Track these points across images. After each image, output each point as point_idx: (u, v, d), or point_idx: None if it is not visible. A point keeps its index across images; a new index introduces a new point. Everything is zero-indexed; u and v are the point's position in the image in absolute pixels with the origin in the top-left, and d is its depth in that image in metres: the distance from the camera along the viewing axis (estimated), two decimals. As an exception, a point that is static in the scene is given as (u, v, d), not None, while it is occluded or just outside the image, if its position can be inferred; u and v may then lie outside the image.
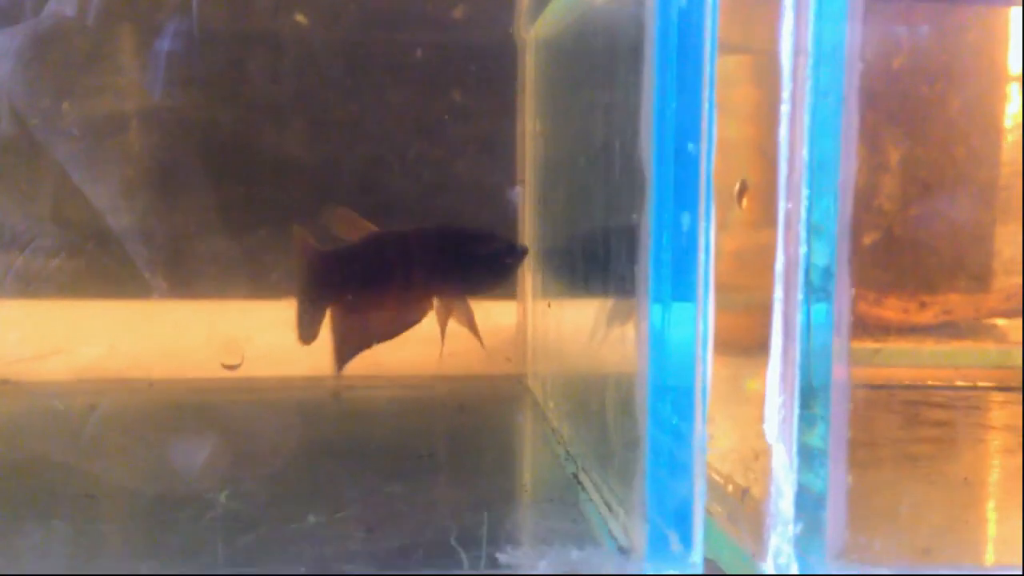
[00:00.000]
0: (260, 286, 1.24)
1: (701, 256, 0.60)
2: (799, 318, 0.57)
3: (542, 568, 0.61)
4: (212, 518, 0.72)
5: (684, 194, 0.60)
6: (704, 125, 0.59)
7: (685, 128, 0.60)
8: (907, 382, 1.19)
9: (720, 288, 0.62)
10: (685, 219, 0.60)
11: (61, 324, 1.21)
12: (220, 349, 1.19)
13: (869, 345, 1.40)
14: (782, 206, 0.58)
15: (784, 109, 0.58)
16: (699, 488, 0.60)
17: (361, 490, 0.80)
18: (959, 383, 1.19)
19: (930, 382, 1.19)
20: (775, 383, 0.59)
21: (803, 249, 0.57)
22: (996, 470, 0.85)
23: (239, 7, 1.23)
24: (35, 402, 1.11)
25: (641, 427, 0.62)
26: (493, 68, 1.25)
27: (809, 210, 0.57)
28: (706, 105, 0.59)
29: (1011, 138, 1.67)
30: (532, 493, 0.82)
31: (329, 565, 0.64)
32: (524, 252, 0.97)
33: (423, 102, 1.29)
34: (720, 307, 0.61)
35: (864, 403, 1.09)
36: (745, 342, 0.64)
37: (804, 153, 0.56)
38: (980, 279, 1.64)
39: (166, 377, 1.23)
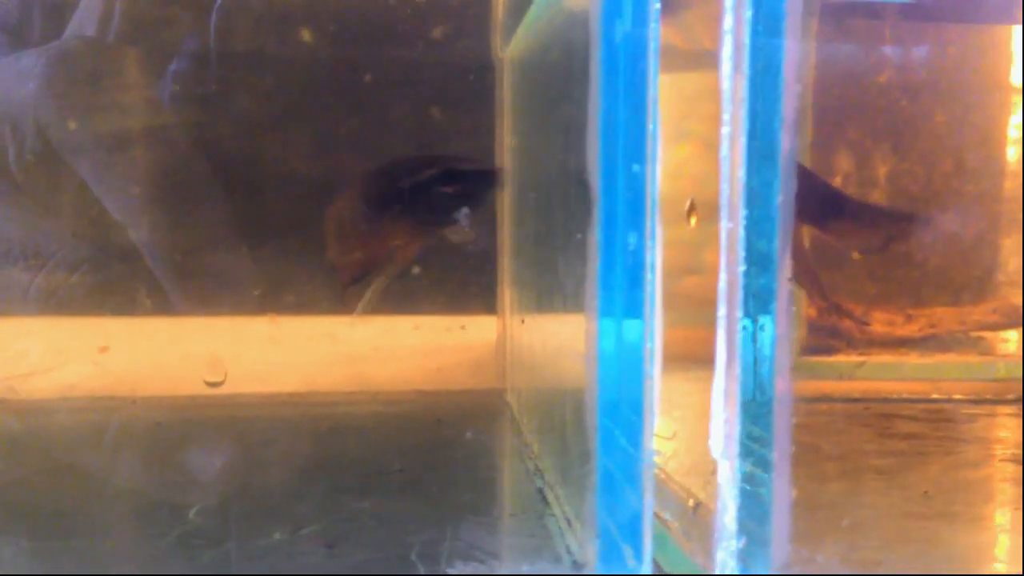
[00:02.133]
0: (244, 302, 1.26)
1: (648, 274, 0.61)
2: (739, 336, 0.58)
3: (495, 581, 0.62)
4: (180, 534, 0.73)
5: (631, 213, 0.61)
6: (649, 145, 0.60)
7: (630, 149, 0.61)
8: (884, 395, 1.20)
9: (687, 302, 0.63)
10: (632, 238, 0.61)
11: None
12: (203, 366, 1.21)
13: (854, 359, 1.41)
14: (723, 226, 0.59)
15: (724, 131, 0.59)
16: (647, 502, 0.61)
17: (329, 506, 0.81)
18: (934, 396, 1.20)
19: (906, 395, 1.19)
20: (719, 399, 0.60)
21: (742, 268, 0.58)
22: (959, 483, 0.85)
23: (241, 27, 1.25)
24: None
25: (590, 442, 0.63)
26: (474, 87, 1.27)
27: (748, 230, 0.58)
28: (650, 126, 0.60)
29: (999, 150, 1.68)
30: (497, 507, 0.83)
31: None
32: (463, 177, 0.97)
33: (407, 119, 1.31)
34: (685, 322, 0.62)
35: (837, 416, 1.10)
36: (709, 356, 0.65)
37: (741, 174, 0.57)
38: (966, 292, 1.65)
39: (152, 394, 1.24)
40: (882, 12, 1.54)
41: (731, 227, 0.59)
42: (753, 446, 0.60)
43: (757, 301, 0.59)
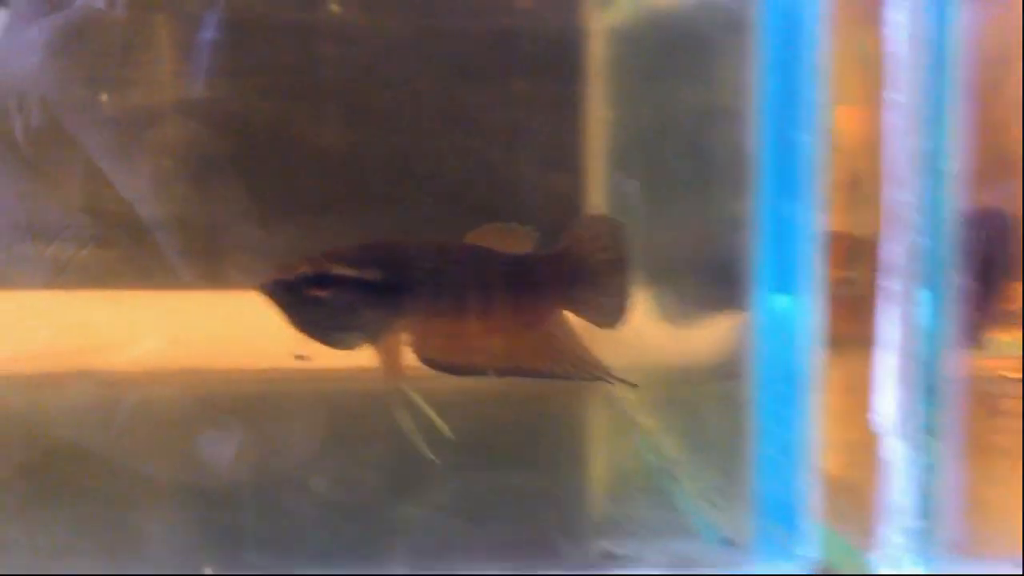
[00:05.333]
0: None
1: (809, 247, 0.59)
2: (915, 309, 0.56)
3: (650, 559, 0.61)
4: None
5: (791, 184, 0.59)
6: (812, 114, 0.59)
7: (793, 118, 0.59)
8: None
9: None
10: (793, 209, 0.59)
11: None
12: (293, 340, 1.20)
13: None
14: (892, 196, 0.57)
15: (894, 96, 0.57)
16: (810, 481, 0.60)
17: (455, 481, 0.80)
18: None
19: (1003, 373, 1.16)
20: (888, 375, 0.58)
21: (918, 239, 0.56)
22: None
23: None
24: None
25: (749, 419, 0.61)
26: (558, 56, 1.24)
27: (923, 199, 0.56)
28: (814, 94, 0.59)
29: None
30: (621, 483, 0.82)
31: (433, 554, 0.64)
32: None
33: (483, 91, 1.28)
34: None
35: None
36: (841, 333, 0.64)
37: (917, 142, 0.55)
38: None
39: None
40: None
41: (903, 197, 0.57)
42: (919, 424, 0.59)
43: (929, 273, 0.57)
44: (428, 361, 0.78)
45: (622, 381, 0.83)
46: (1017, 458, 0.84)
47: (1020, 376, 1.17)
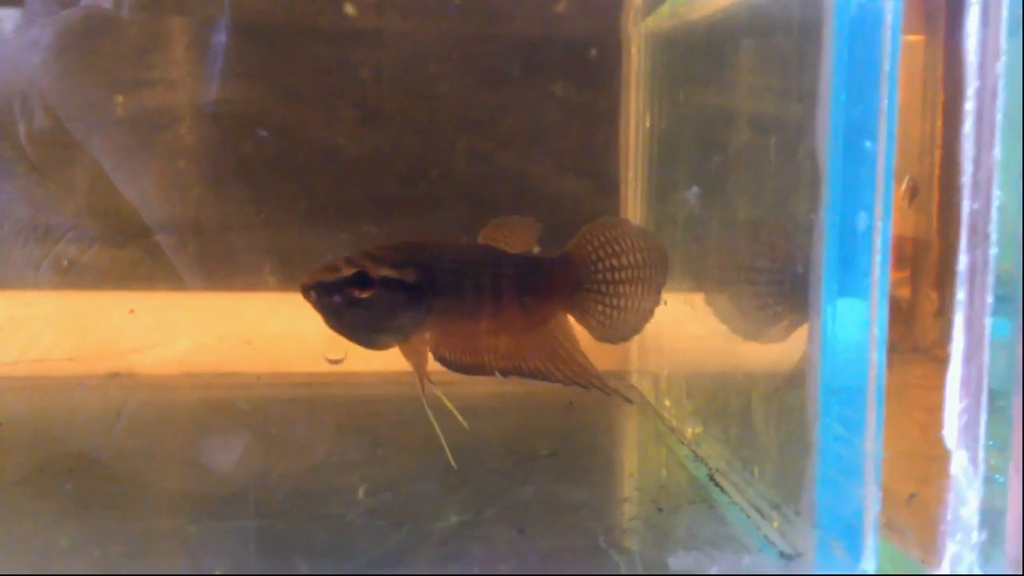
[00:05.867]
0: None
1: (877, 256, 0.58)
2: (986, 321, 0.55)
3: (713, 572, 0.60)
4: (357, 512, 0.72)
5: (861, 192, 0.58)
6: (883, 122, 0.58)
7: (862, 125, 0.58)
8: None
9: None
10: (862, 218, 0.58)
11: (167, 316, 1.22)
12: (324, 344, 1.19)
13: None
14: (967, 206, 0.56)
15: (969, 106, 0.56)
16: (873, 494, 0.59)
17: (495, 491, 0.79)
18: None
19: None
20: (955, 387, 0.57)
21: (993, 251, 0.55)
22: None
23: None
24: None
25: (811, 430, 0.61)
26: (598, 63, 1.23)
27: (1000, 211, 0.55)
28: (885, 101, 0.58)
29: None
30: (668, 495, 0.81)
31: (483, 562, 0.63)
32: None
33: (524, 98, 1.27)
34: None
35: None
36: (899, 343, 0.63)
37: (995, 152, 0.55)
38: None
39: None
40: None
41: (977, 207, 0.56)
42: (990, 441, 0.58)
43: (999, 286, 0.56)
44: (442, 360, 0.77)
45: (617, 393, 0.82)
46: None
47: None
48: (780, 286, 0.70)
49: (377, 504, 0.75)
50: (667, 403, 1.01)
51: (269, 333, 1.22)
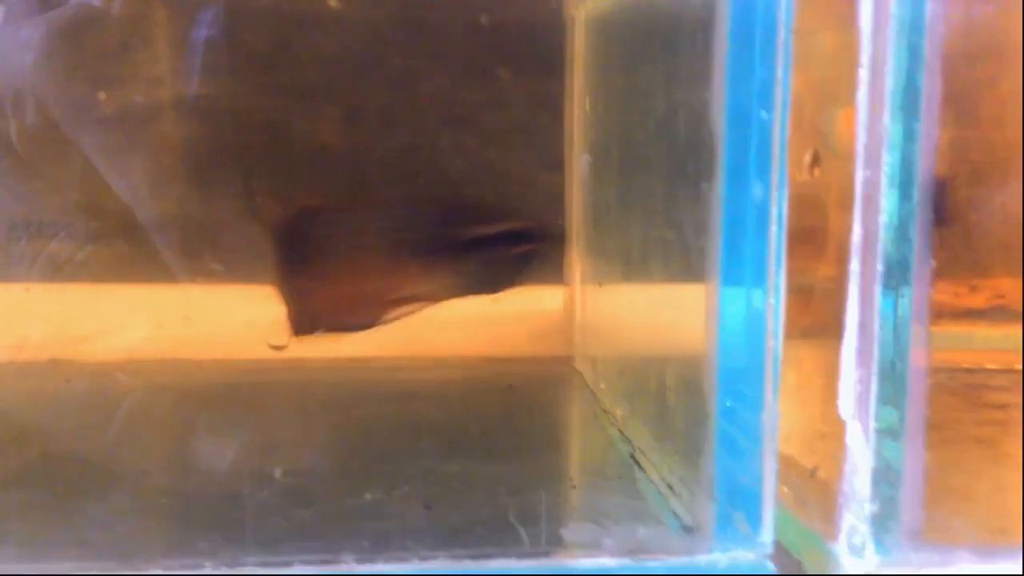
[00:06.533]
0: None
1: (773, 228, 0.58)
2: (878, 291, 0.55)
3: (607, 545, 0.60)
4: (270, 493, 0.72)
5: (757, 163, 0.58)
6: (778, 91, 0.57)
7: (758, 95, 0.58)
8: (965, 366, 1.16)
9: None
10: (757, 189, 0.58)
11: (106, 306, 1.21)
12: (266, 330, 1.19)
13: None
14: (860, 175, 0.56)
15: (863, 75, 0.56)
16: (769, 467, 0.59)
17: (419, 469, 0.79)
18: (1017, 367, 1.16)
19: (988, 366, 1.16)
20: (850, 360, 0.57)
21: (883, 219, 0.55)
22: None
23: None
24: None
25: (709, 407, 0.60)
26: (539, 46, 1.23)
27: (891, 179, 0.55)
28: (779, 71, 0.57)
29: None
30: (590, 472, 0.81)
31: (391, 539, 0.63)
32: None
33: (466, 83, 1.26)
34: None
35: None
36: (800, 322, 0.63)
37: (885, 120, 0.54)
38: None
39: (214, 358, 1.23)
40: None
41: (869, 175, 0.56)
42: (883, 411, 0.58)
43: (894, 256, 0.56)
44: None
45: None
46: (992, 447, 0.83)
47: (1003, 368, 1.16)
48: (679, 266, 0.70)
49: (293, 483, 0.74)
50: (602, 385, 1.01)
51: (212, 319, 1.22)
